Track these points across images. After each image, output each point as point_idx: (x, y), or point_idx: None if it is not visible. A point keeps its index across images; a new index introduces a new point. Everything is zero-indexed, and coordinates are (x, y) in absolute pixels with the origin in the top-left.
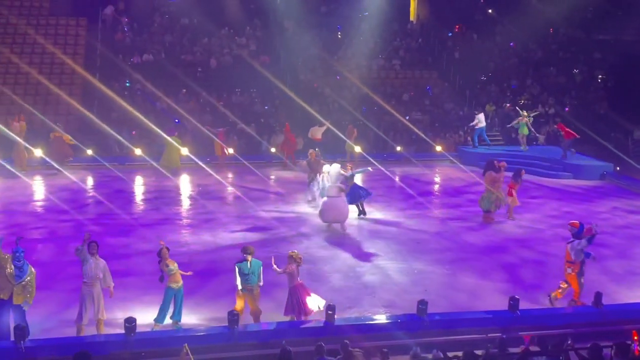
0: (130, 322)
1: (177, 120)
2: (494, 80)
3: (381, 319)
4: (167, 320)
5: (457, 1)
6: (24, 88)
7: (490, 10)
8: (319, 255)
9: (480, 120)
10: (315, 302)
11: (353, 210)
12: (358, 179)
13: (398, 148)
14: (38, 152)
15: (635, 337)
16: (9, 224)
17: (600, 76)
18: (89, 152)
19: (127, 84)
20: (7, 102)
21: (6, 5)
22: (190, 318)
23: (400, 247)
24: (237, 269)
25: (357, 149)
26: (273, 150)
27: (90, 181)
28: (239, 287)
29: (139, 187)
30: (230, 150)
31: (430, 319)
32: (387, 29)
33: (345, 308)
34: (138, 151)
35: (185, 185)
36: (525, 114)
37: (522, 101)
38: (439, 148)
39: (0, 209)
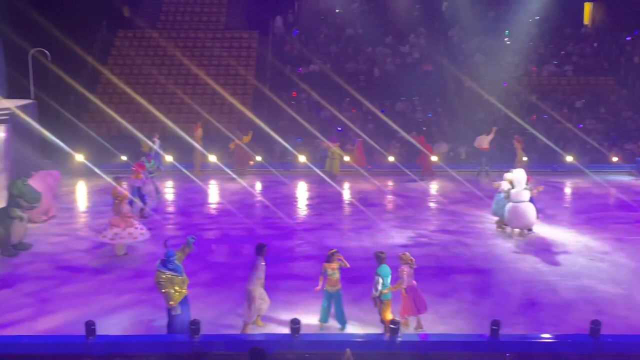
0: (295, 323)
1: (339, 129)
2: None
3: (549, 337)
4: (331, 323)
5: (637, 3)
6: (201, 97)
7: None
8: (482, 268)
9: None
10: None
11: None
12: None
13: (569, 158)
14: (212, 158)
15: None
16: (187, 224)
17: None
18: (258, 158)
19: (293, 96)
20: (186, 110)
21: (187, 21)
22: (354, 323)
23: (571, 263)
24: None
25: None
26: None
27: (258, 186)
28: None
29: (302, 192)
30: (391, 159)
31: (604, 341)
32: (558, 34)
33: (511, 324)
34: (302, 158)
35: (346, 191)
36: None
37: None
38: (615, 159)
39: (179, 210)
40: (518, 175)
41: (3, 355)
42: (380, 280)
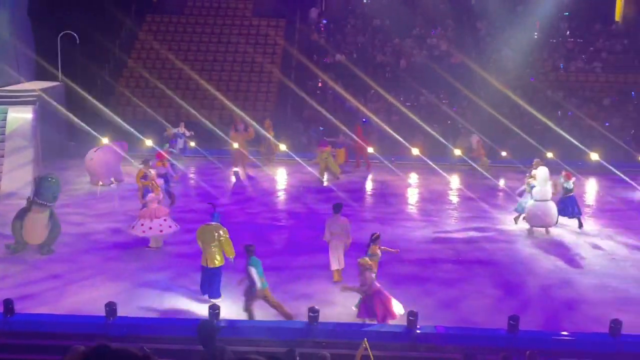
0: (314, 311)
1: (364, 120)
2: None
3: (568, 335)
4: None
5: None
6: (226, 84)
7: None
8: (503, 263)
9: None
10: (398, 307)
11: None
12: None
13: (594, 157)
14: (235, 145)
15: None
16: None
17: None
18: (282, 147)
19: (319, 86)
20: (211, 97)
21: (214, 7)
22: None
23: (592, 262)
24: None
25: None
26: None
27: (282, 175)
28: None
29: (324, 182)
30: (415, 151)
31: (625, 340)
32: (588, 30)
33: (530, 320)
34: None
35: (368, 183)
36: None
37: None
38: None
39: (206, 197)
40: (541, 173)
41: (27, 333)
42: (255, 271)
